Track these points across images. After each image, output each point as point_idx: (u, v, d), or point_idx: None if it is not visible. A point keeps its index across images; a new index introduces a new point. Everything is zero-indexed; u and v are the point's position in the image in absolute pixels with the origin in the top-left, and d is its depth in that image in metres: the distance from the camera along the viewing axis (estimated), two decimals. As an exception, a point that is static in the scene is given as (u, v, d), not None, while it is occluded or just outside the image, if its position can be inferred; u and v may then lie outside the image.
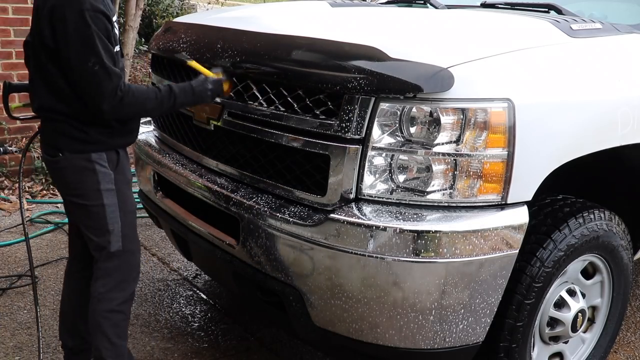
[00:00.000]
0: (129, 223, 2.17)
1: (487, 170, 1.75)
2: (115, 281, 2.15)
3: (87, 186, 2.05)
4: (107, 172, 2.07)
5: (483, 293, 1.81)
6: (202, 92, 2.08)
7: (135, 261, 2.23)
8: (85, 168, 2.04)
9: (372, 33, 2.13)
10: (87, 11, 1.87)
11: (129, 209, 2.18)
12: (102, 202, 2.06)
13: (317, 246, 1.82)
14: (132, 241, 2.20)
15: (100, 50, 1.89)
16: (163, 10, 7.53)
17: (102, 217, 2.07)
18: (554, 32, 2.07)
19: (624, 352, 2.79)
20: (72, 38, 1.89)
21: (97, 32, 1.89)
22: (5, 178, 4.56)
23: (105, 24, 1.93)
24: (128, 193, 2.18)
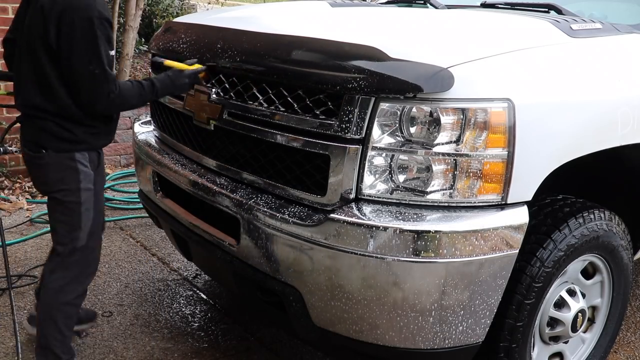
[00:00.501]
0: (97, 222, 2.26)
1: (487, 170, 1.75)
2: (74, 275, 2.23)
3: (68, 184, 2.14)
4: (88, 172, 2.17)
5: (483, 293, 1.81)
6: (181, 84, 2.22)
7: (94, 257, 2.31)
8: (68, 167, 2.13)
9: (372, 33, 2.13)
10: (95, 18, 2.00)
11: (100, 209, 2.29)
12: (80, 200, 2.15)
13: (317, 246, 1.82)
14: (96, 238, 2.28)
15: (102, 56, 2.02)
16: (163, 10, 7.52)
17: (77, 215, 2.16)
18: (554, 32, 2.07)
19: (624, 352, 2.79)
20: (78, 42, 2.00)
21: (102, 39, 2.02)
22: (5, 178, 4.56)
23: (109, 30, 2.06)
24: (102, 193, 2.29)
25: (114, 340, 2.72)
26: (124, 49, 5.55)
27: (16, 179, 4.59)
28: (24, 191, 4.46)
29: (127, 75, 5.59)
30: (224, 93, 2.17)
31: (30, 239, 3.69)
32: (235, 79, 2.13)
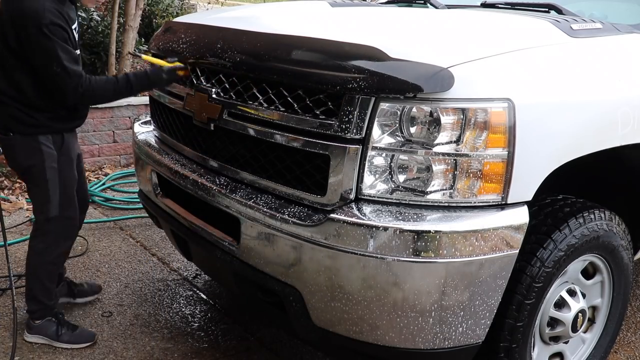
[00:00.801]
0: (67, 195, 2.53)
1: (487, 170, 1.74)
2: (52, 239, 2.56)
3: (33, 163, 2.43)
4: (51, 153, 2.45)
5: (483, 293, 1.81)
6: (157, 80, 2.42)
7: (70, 224, 2.60)
8: (33, 148, 2.41)
9: (372, 33, 2.12)
10: (45, 26, 2.24)
11: (69, 184, 2.55)
12: (45, 177, 2.44)
13: (317, 246, 1.82)
14: (69, 209, 2.56)
15: (61, 57, 2.27)
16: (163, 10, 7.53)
17: (45, 190, 2.46)
18: (554, 32, 2.06)
19: (624, 352, 2.79)
20: (35, 48, 2.27)
21: (56, 41, 2.27)
22: (5, 178, 4.56)
23: (63, 34, 2.30)
24: (69, 170, 2.54)
25: (114, 340, 2.72)
26: (124, 49, 5.55)
27: (16, 179, 4.59)
28: (24, 191, 4.45)
29: (127, 75, 5.58)
30: (224, 93, 2.17)
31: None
32: (235, 79, 2.13)
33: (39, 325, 2.65)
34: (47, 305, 2.65)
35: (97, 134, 5.08)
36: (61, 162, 2.49)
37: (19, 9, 2.26)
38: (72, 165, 2.59)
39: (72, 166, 2.58)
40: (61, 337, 2.63)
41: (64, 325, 2.66)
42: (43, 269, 2.60)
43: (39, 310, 2.64)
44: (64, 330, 2.65)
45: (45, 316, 2.65)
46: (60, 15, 2.30)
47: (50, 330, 2.64)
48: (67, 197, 2.53)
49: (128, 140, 5.22)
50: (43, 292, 2.62)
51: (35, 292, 2.62)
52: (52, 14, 2.26)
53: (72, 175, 2.58)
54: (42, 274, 2.60)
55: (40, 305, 2.64)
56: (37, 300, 2.63)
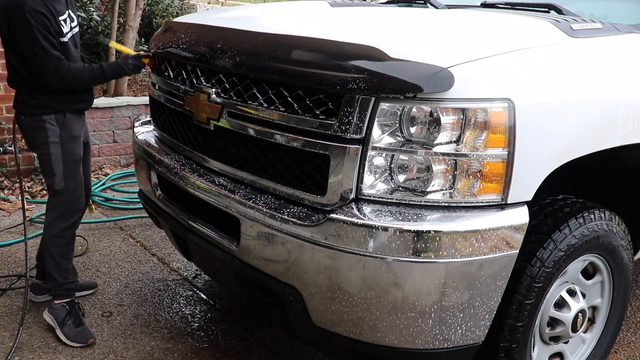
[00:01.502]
0: (70, 169, 2.73)
1: (487, 170, 1.74)
2: (59, 212, 2.75)
3: (39, 139, 2.69)
4: (53, 129, 2.68)
5: (483, 293, 1.81)
6: (125, 65, 2.75)
7: (75, 198, 2.77)
8: (39, 127, 2.67)
9: (372, 33, 2.12)
10: (28, 12, 2.51)
11: (71, 158, 2.74)
12: (49, 151, 2.68)
13: (317, 246, 1.82)
14: (73, 183, 2.75)
15: (41, 40, 2.53)
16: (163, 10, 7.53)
17: (49, 163, 2.69)
18: (554, 32, 2.06)
19: (624, 352, 2.79)
20: (20, 32, 2.55)
21: (37, 27, 2.52)
22: (5, 178, 4.56)
23: (44, 20, 2.54)
24: (72, 146, 2.74)
25: (114, 340, 2.72)
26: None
27: (16, 179, 4.58)
28: (24, 191, 4.45)
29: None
30: (224, 93, 2.17)
31: (30, 239, 3.68)
32: (235, 79, 2.13)
33: (55, 307, 2.77)
34: (61, 283, 2.76)
35: (97, 134, 5.08)
36: (63, 136, 2.69)
37: (6, 4, 2.56)
38: (76, 143, 2.77)
39: (76, 143, 2.76)
40: (64, 327, 2.71)
41: (72, 317, 2.73)
42: (52, 242, 2.74)
43: (54, 288, 2.78)
44: (69, 322, 2.71)
45: (60, 296, 2.77)
46: (42, 5, 2.54)
47: (60, 316, 2.73)
48: (70, 171, 2.72)
49: (128, 140, 5.22)
50: (55, 267, 2.75)
51: (49, 268, 2.77)
52: (34, 2, 2.52)
53: (76, 150, 2.76)
54: (51, 247, 2.75)
55: (55, 282, 2.76)
56: (52, 276, 2.76)
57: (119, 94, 5.79)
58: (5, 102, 4.69)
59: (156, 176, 2.58)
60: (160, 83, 2.63)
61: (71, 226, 2.78)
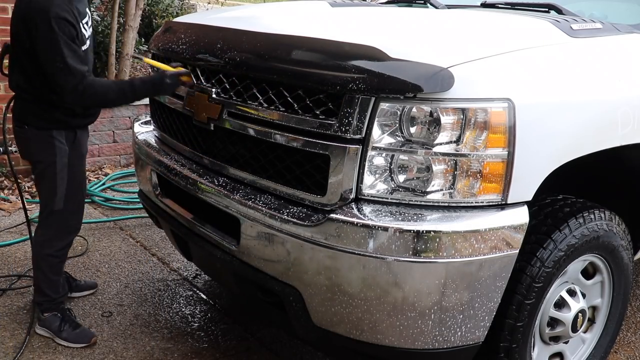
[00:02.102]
0: (74, 189, 2.59)
1: (487, 170, 1.74)
2: (54, 232, 2.62)
3: (45, 156, 2.50)
4: (63, 148, 2.51)
5: (483, 293, 1.81)
6: (161, 85, 2.38)
7: (74, 219, 2.67)
8: (46, 142, 2.48)
9: (372, 33, 2.12)
10: (53, 19, 2.28)
11: (77, 179, 2.61)
12: (55, 171, 2.50)
13: (317, 246, 1.82)
14: (74, 203, 2.62)
15: (64, 52, 2.29)
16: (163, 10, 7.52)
17: (53, 183, 2.52)
18: (554, 32, 2.06)
19: (624, 352, 2.79)
20: (42, 41, 2.31)
21: (62, 36, 2.29)
22: (5, 178, 4.56)
23: (70, 29, 2.33)
24: (78, 165, 2.62)
25: (114, 340, 2.72)
26: (123, 48, 5.54)
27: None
28: (24, 191, 4.45)
29: (127, 75, 5.59)
30: (224, 93, 2.17)
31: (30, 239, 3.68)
32: (235, 79, 2.13)
33: (46, 318, 2.70)
34: (53, 298, 2.70)
35: (97, 134, 5.08)
36: (72, 157, 2.56)
37: (28, 5, 2.33)
38: (82, 161, 2.67)
39: (82, 162, 2.66)
40: (62, 333, 2.66)
41: (67, 322, 2.69)
42: (45, 261, 2.64)
43: (44, 302, 2.70)
44: (66, 327, 2.67)
45: (50, 309, 2.70)
46: (68, 10, 2.33)
47: (54, 325, 2.68)
48: (72, 192, 2.59)
49: (128, 140, 5.22)
50: (47, 284, 2.67)
51: (39, 284, 2.68)
52: (60, 8, 2.30)
53: (81, 170, 2.66)
54: (44, 266, 2.65)
55: (46, 297, 2.69)
56: (42, 292, 2.68)
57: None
58: (5, 102, 4.69)
59: (156, 176, 2.58)
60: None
61: (67, 245, 2.70)
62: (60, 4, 2.31)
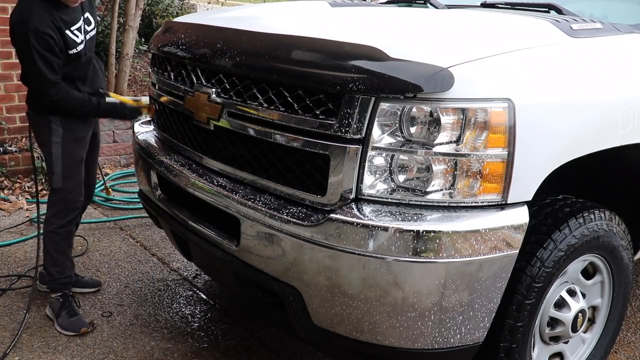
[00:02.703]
0: (70, 169, 2.77)
1: (487, 170, 1.74)
2: (57, 210, 2.80)
3: (43, 137, 2.75)
4: (57, 129, 2.72)
5: (483, 293, 1.81)
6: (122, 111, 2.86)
7: (72, 197, 2.82)
8: (44, 125, 2.73)
9: (372, 33, 2.12)
10: (30, 32, 2.47)
11: (72, 159, 2.78)
12: (51, 150, 2.73)
13: (317, 246, 1.82)
14: (71, 183, 2.79)
15: (38, 62, 2.51)
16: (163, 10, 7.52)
17: (50, 161, 2.75)
18: (554, 32, 2.06)
19: (624, 352, 2.79)
20: (19, 51, 2.57)
21: (36, 48, 2.49)
22: (5, 178, 4.56)
23: (48, 41, 2.50)
24: (73, 147, 2.78)
25: (114, 340, 2.72)
26: (123, 48, 5.55)
27: (16, 179, 4.59)
28: (24, 191, 4.46)
29: (126, 75, 5.59)
30: (224, 93, 2.16)
31: (30, 239, 3.69)
32: (235, 79, 2.13)
33: (51, 300, 2.85)
34: (56, 278, 2.83)
35: (97, 134, 5.08)
36: (65, 137, 2.74)
37: (12, 18, 2.56)
38: (79, 144, 2.81)
39: (78, 144, 2.81)
40: (59, 318, 2.79)
41: (65, 309, 2.80)
42: (49, 238, 2.81)
43: (50, 282, 2.86)
44: (63, 313, 2.79)
45: (55, 290, 2.85)
46: (48, 23, 2.50)
47: (55, 309, 2.81)
48: (69, 171, 2.76)
49: (128, 140, 5.22)
50: (51, 262, 2.82)
51: (45, 262, 2.86)
52: (39, 21, 2.48)
53: (77, 152, 2.80)
54: (48, 243, 2.82)
55: (50, 276, 2.84)
56: (47, 271, 2.85)
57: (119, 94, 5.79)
58: (5, 102, 4.70)
59: (156, 176, 2.58)
60: (160, 83, 2.63)
61: (67, 224, 2.83)
62: (39, 18, 2.49)
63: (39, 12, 2.50)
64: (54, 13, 2.54)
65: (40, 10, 2.51)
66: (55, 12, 2.55)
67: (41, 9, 2.51)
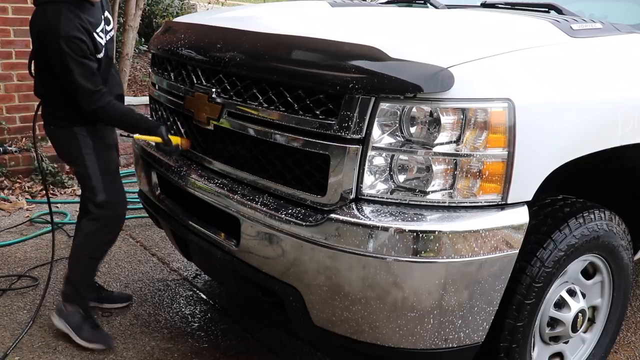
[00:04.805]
0: (110, 180, 2.62)
1: (487, 170, 1.74)
2: (100, 226, 2.62)
3: (73, 151, 2.58)
4: (86, 140, 2.56)
5: (483, 293, 1.81)
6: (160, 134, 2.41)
7: (119, 211, 2.66)
8: (70, 138, 2.56)
9: (372, 33, 2.12)
10: (62, 39, 2.31)
11: (109, 168, 2.63)
12: (85, 163, 2.56)
13: (317, 246, 1.82)
14: (115, 195, 2.63)
15: (73, 71, 2.35)
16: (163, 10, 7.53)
17: (86, 175, 2.58)
18: (554, 32, 2.06)
19: (624, 352, 2.79)
20: (53, 60, 2.39)
21: (70, 55, 2.33)
22: (5, 178, 4.56)
23: (80, 46, 2.36)
24: (107, 156, 2.64)
25: (113, 340, 2.71)
26: (123, 48, 5.55)
27: (16, 179, 4.58)
28: (24, 191, 4.46)
29: (127, 74, 5.59)
30: (224, 93, 2.17)
31: (30, 239, 3.69)
32: (235, 79, 2.13)
33: (68, 311, 2.66)
34: (80, 292, 2.68)
35: (97, 134, 5.07)
36: (97, 147, 2.59)
37: (39, 24, 2.39)
38: (111, 151, 2.70)
39: (110, 152, 2.69)
40: (82, 332, 2.63)
41: (88, 322, 2.66)
42: (84, 264, 2.67)
43: (71, 295, 2.67)
44: (86, 327, 2.64)
45: (75, 303, 2.67)
46: (77, 27, 2.35)
47: (74, 321, 2.65)
48: (110, 181, 2.61)
49: (128, 140, 5.20)
50: (80, 278, 2.67)
51: (72, 275, 2.67)
52: (68, 26, 2.32)
53: (112, 159, 2.69)
54: (82, 267, 2.67)
55: (74, 289, 2.67)
56: (72, 283, 2.67)
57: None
58: (5, 102, 4.69)
59: (156, 176, 2.58)
60: (160, 83, 2.63)
61: (110, 241, 2.69)
62: (68, 22, 2.33)
63: (67, 15, 2.34)
64: (80, 15, 2.38)
65: (68, 13, 2.34)
66: (81, 14, 2.39)
67: (68, 12, 2.35)
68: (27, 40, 4.64)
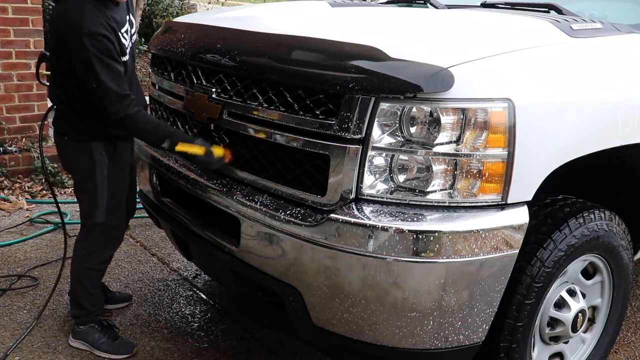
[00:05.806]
0: (115, 202, 2.50)
1: (487, 170, 1.74)
2: (97, 246, 2.54)
3: (84, 168, 2.41)
4: (102, 160, 2.41)
5: (483, 293, 1.81)
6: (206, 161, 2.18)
7: (117, 233, 2.60)
8: (85, 154, 2.39)
9: (372, 33, 2.12)
10: (85, 36, 2.12)
11: (117, 192, 2.50)
12: (95, 183, 2.41)
13: (317, 246, 1.82)
14: (115, 217, 2.53)
15: (98, 71, 2.15)
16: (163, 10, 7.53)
17: (93, 195, 2.44)
18: (554, 32, 2.06)
19: (624, 353, 2.79)
20: (75, 60, 2.20)
21: (95, 54, 2.14)
22: (5, 178, 4.56)
23: (106, 44, 2.17)
24: (120, 178, 2.51)
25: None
26: (124, 49, 5.54)
27: (16, 179, 4.59)
28: (24, 191, 4.46)
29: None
30: (224, 93, 2.17)
31: (30, 239, 3.69)
32: (235, 79, 2.13)
33: (82, 331, 2.62)
34: (91, 311, 2.62)
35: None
36: (112, 169, 2.45)
37: (60, 20, 2.23)
38: (124, 174, 2.57)
39: (123, 175, 2.56)
40: (101, 345, 2.59)
41: (106, 334, 2.62)
42: (85, 274, 2.58)
43: (82, 316, 2.62)
44: (105, 339, 2.60)
45: (88, 322, 2.62)
46: (103, 23, 2.17)
47: (92, 337, 2.61)
48: (114, 205, 2.49)
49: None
50: (86, 297, 2.60)
51: (78, 297, 2.61)
52: (93, 23, 2.15)
53: (123, 184, 2.56)
54: (84, 279, 2.58)
55: (83, 310, 2.62)
56: (81, 305, 2.61)
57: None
58: (5, 102, 4.69)
59: (156, 176, 2.58)
60: (160, 83, 2.63)
61: (109, 259, 2.65)
62: (92, 18, 2.15)
63: (91, 10, 2.16)
64: (106, 12, 2.22)
65: (92, 8, 2.17)
66: (107, 11, 2.23)
67: (93, 7, 2.18)
68: (27, 40, 4.65)
